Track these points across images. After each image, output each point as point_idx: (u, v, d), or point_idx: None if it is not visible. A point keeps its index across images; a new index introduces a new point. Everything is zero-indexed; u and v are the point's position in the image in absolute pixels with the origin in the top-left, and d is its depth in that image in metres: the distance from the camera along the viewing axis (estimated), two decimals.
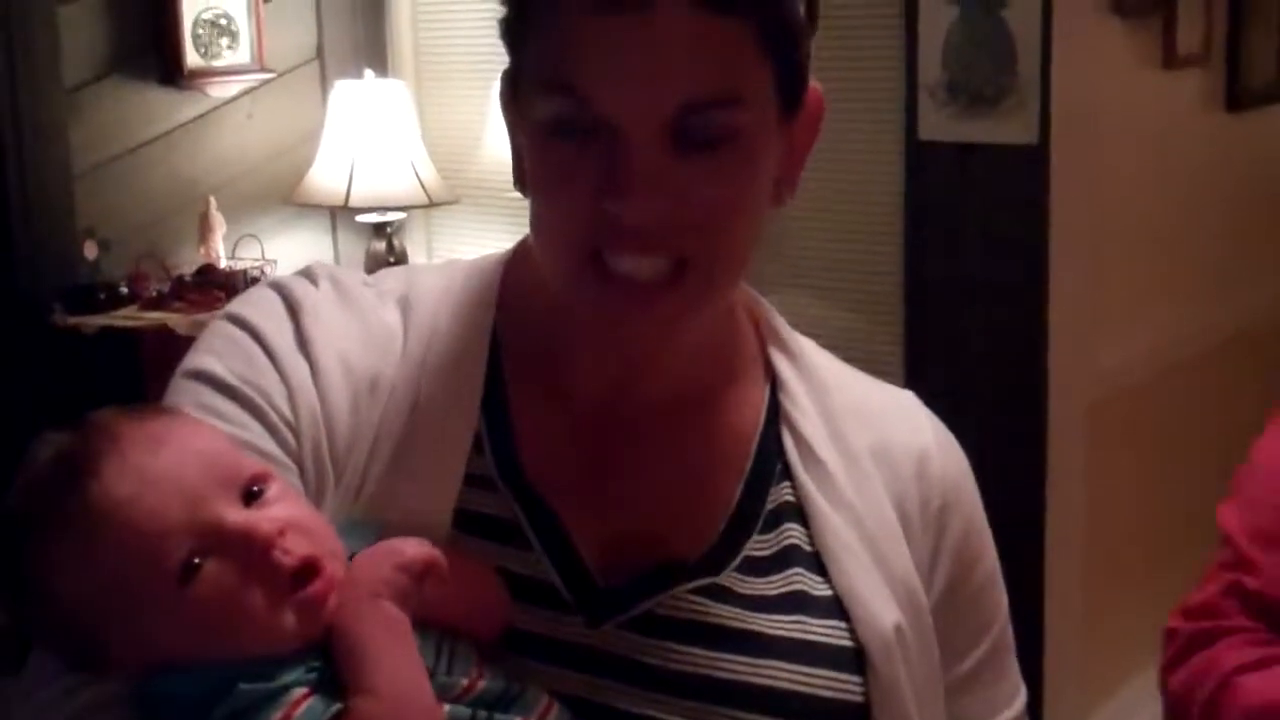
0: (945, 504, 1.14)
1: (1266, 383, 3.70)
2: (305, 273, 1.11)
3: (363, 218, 4.16)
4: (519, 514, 1.05)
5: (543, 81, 0.98)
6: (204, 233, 3.99)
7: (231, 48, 4.09)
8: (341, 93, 4.07)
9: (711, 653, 1.04)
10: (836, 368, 1.18)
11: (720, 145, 0.97)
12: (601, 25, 0.94)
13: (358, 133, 4.00)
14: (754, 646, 1.04)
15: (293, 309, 1.07)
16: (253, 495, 0.95)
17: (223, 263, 3.97)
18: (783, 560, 1.08)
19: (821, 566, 1.09)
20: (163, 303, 3.73)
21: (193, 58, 4.01)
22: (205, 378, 1.04)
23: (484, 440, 1.06)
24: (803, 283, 3.61)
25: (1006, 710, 1.18)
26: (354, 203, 4.01)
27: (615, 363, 1.08)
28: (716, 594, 1.06)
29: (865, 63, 3.48)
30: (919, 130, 3.42)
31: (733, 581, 1.06)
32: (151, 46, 3.98)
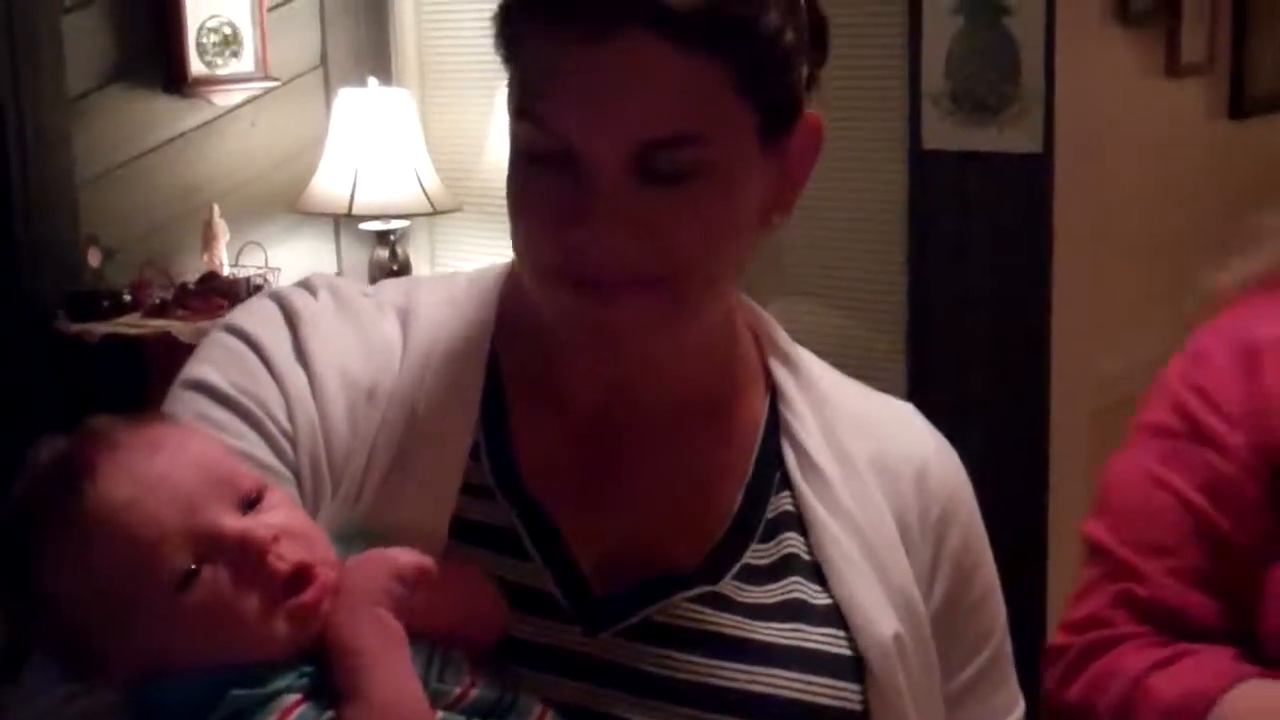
0: (944, 514, 1.14)
1: None
2: (304, 283, 1.12)
3: (366, 226, 4.17)
4: (517, 523, 1.05)
5: (514, 108, 0.99)
6: (207, 240, 3.99)
7: (235, 56, 4.10)
8: (345, 101, 4.07)
9: (710, 661, 1.04)
10: (836, 379, 1.18)
11: (689, 178, 0.96)
12: (567, 56, 0.95)
13: (361, 141, 4.00)
14: (753, 654, 1.04)
15: (291, 320, 1.07)
16: (248, 502, 0.96)
17: (226, 270, 3.97)
18: (781, 569, 1.08)
19: (820, 576, 1.09)
20: (166, 310, 3.73)
21: (196, 66, 4.01)
22: (203, 388, 1.04)
23: (482, 449, 1.06)
24: (806, 292, 3.61)
25: None
26: (357, 211, 4.01)
27: (608, 372, 1.08)
28: (715, 602, 1.06)
29: (868, 71, 3.48)
30: (922, 139, 3.42)
31: (731, 590, 1.06)
32: (155, 55, 3.98)
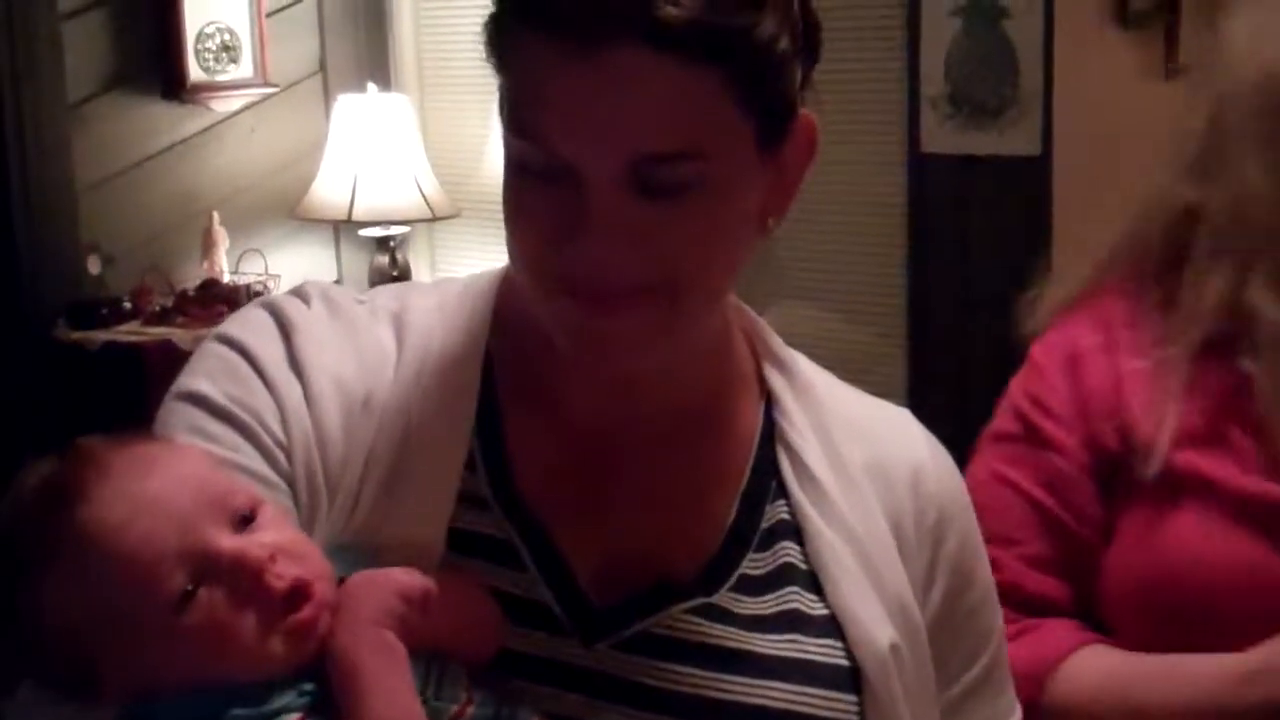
0: (940, 518, 1.14)
1: None
2: (297, 291, 1.11)
3: (366, 232, 4.17)
4: (512, 533, 1.04)
5: (508, 121, 0.98)
6: (207, 247, 4.00)
7: (234, 62, 4.10)
8: (344, 107, 4.07)
9: (707, 672, 1.03)
10: (830, 383, 1.18)
11: (687, 190, 0.95)
12: (560, 69, 0.93)
13: (360, 147, 4.00)
14: (750, 666, 1.04)
15: (284, 328, 1.06)
16: (242, 520, 0.95)
17: (226, 277, 3.97)
18: (778, 579, 1.08)
19: (817, 585, 1.08)
20: (166, 317, 3.74)
21: (195, 72, 4.02)
22: (197, 400, 1.03)
23: (477, 459, 1.06)
24: (804, 296, 3.61)
25: None
26: (357, 217, 4.02)
27: (604, 380, 1.07)
28: (712, 614, 1.05)
29: (867, 75, 3.48)
30: (921, 142, 3.42)
31: (728, 601, 1.06)
32: (154, 61, 3.99)
